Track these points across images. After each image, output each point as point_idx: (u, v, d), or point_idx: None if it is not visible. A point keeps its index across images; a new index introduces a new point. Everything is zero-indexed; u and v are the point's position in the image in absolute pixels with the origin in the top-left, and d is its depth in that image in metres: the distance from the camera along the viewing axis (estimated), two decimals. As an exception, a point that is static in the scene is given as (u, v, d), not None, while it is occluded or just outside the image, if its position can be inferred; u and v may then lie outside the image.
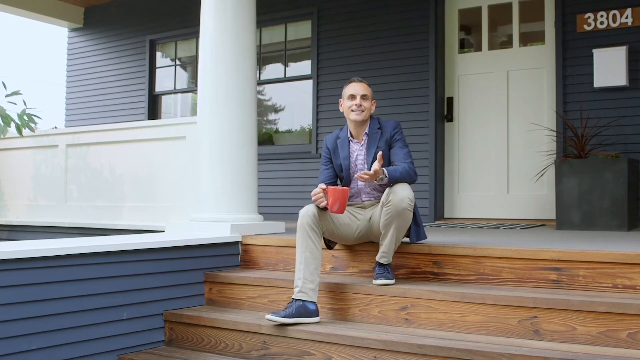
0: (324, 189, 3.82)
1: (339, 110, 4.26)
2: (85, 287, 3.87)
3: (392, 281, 3.89)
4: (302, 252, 3.85)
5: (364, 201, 4.19)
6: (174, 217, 5.69)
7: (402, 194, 3.79)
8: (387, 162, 4.08)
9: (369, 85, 4.19)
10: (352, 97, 4.11)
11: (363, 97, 4.10)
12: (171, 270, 4.39)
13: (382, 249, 3.92)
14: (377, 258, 3.96)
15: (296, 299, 3.76)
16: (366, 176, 3.73)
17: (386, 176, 3.82)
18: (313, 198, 3.85)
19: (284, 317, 3.72)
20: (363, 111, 4.10)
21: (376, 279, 3.90)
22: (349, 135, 4.22)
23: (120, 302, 4.06)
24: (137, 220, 6.22)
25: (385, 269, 3.93)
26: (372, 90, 4.23)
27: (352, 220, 4.11)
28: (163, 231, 5.31)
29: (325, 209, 3.86)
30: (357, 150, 4.19)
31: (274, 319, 3.73)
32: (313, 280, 3.79)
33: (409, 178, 3.98)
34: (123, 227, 6.17)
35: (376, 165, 3.72)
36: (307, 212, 3.89)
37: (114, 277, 4.03)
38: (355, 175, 3.97)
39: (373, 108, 4.20)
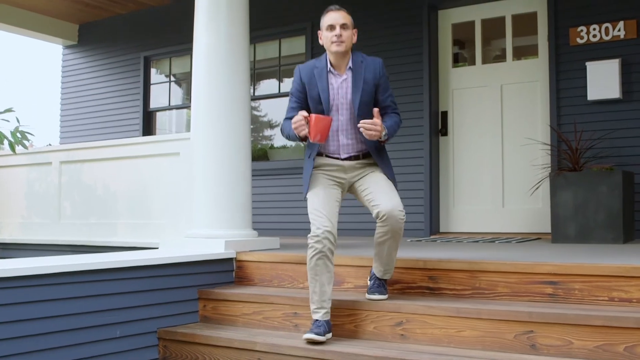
0: (305, 117, 3.60)
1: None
2: (78, 305, 3.83)
3: (386, 296, 3.85)
4: (325, 272, 3.69)
5: (343, 160, 3.84)
6: (168, 233, 5.67)
7: (396, 209, 3.61)
8: (373, 104, 3.84)
9: (349, 14, 3.83)
10: (331, 27, 3.77)
11: (343, 26, 3.76)
12: (165, 287, 4.36)
13: (382, 266, 3.83)
14: (378, 274, 3.86)
15: (325, 320, 3.71)
16: (374, 128, 3.58)
17: (387, 135, 3.73)
18: (294, 126, 3.64)
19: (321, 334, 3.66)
20: (344, 42, 3.75)
21: (371, 293, 3.85)
22: (328, 65, 3.86)
23: (114, 320, 4.02)
24: (131, 237, 6.19)
25: (382, 283, 3.88)
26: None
27: (332, 188, 3.83)
28: (157, 248, 5.28)
29: (304, 139, 3.70)
30: (338, 84, 3.83)
31: (314, 337, 3.62)
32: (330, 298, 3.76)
33: (397, 131, 3.92)
34: (117, 244, 6.14)
35: (378, 123, 3.61)
36: (325, 235, 3.62)
37: (107, 295, 4.00)
38: (359, 125, 3.63)
39: (354, 38, 3.86)
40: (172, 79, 9.41)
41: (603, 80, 6.20)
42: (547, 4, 6.62)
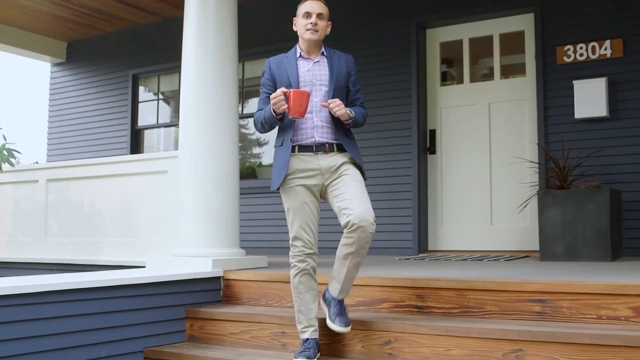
0: (284, 92, 3.56)
1: None
2: (63, 325, 3.79)
3: (349, 327, 3.70)
4: (310, 290, 3.73)
5: (316, 147, 3.73)
6: (155, 252, 5.64)
7: (367, 220, 3.53)
8: (344, 97, 3.81)
9: (326, 5, 3.83)
10: (308, 14, 3.75)
11: (319, 15, 3.76)
12: (152, 306, 4.32)
13: (341, 283, 3.68)
14: (334, 293, 3.72)
15: (314, 338, 3.71)
16: (339, 104, 3.62)
17: (352, 118, 3.73)
18: (273, 101, 3.58)
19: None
20: (318, 30, 3.74)
21: (335, 322, 3.68)
22: (298, 52, 3.83)
23: (100, 339, 3.98)
24: (118, 256, 6.16)
25: (342, 308, 3.71)
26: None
27: (312, 203, 3.77)
28: (144, 267, 5.24)
29: (280, 116, 3.65)
30: (310, 66, 3.79)
31: None
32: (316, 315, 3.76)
33: (363, 124, 3.89)
34: (104, 262, 6.10)
35: (340, 102, 3.65)
36: (308, 254, 3.70)
37: (93, 314, 3.96)
38: (323, 104, 3.68)
39: (328, 29, 3.84)
40: (161, 96, 9.40)
41: (590, 98, 6.24)
42: (535, 23, 6.67)
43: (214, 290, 4.74)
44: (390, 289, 4.06)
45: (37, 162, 9.00)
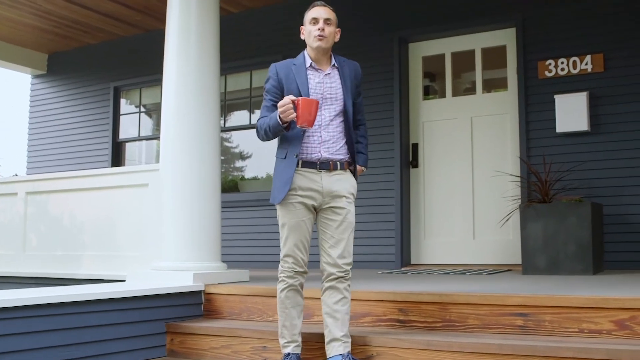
0: (293, 100, 3.40)
1: None
2: (41, 340, 3.73)
3: None
4: (296, 306, 3.69)
5: (320, 163, 3.60)
6: (135, 266, 5.58)
7: (343, 265, 3.60)
8: (345, 113, 3.68)
9: (334, 10, 3.70)
10: (315, 20, 3.62)
11: (326, 21, 3.61)
12: (132, 321, 4.27)
13: (340, 332, 3.56)
14: (340, 349, 3.54)
15: (296, 353, 3.67)
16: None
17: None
18: (281, 109, 3.41)
19: None
20: (325, 37, 3.59)
21: None
22: (307, 61, 3.68)
23: (78, 354, 3.92)
24: (98, 270, 6.08)
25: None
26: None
27: (308, 222, 3.66)
28: (124, 280, 5.19)
29: (286, 126, 3.50)
30: (321, 78, 3.64)
31: None
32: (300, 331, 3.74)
33: None
34: (83, 276, 6.03)
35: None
36: (298, 271, 3.64)
37: (71, 329, 3.90)
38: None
39: (337, 36, 3.69)
40: (142, 109, 9.35)
41: (571, 112, 6.27)
42: (516, 37, 6.71)
43: (194, 304, 4.69)
44: (373, 303, 4.04)
45: (16, 175, 8.91)
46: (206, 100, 5.13)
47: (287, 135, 3.60)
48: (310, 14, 3.67)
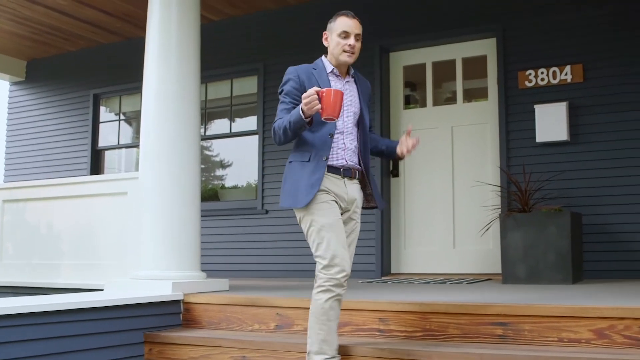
0: (317, 92, 3.27)
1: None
2: (16, 350, 3.67)
3: None
4: (337, 318, 3.47)
5: (344, 170, 3.53)
6: (114, 275, 5.52)
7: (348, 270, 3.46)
8: (362, 123, 3.64)
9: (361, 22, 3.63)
10: (346, 34, 3.52)
11: (357, 37, 3.55)
12: (109, 330, 4.22)
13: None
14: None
15: None
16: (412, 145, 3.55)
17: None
18: (305, 101, 3.27)
19: None
20: (355, 53, 3.56)
21: None
22: (329, 67, 3.61)
23: (54, 365, 3.87)
24: (75, 279, 6.02)
25: None
26: None
27: (341, 222, 3.54)
28: (102, 290, 5.13)
29: (309, 121, 3.36)
30: (342, 86, 3.59)
31: None
32: None
33: None
34: (61, 286, 5.96)
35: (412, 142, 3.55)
36: (345, 279, 3.39)
37: (48, 339, 3.85)
38: (404, 139, 3.57)
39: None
40: (122, 117, 9.29)
41: (551, 122, 6.30)
42: (497, 47, 6.74)
43: (173, 313, 4.65)
44: (353, 312, 4.02)
45: (-6, 183, 8.80)
46: (186, 108, 5.10)
47: (312, 138, 3.48)
48: (340, 24, 3.55)
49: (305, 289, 5.07)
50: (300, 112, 3.31)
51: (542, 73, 6.47)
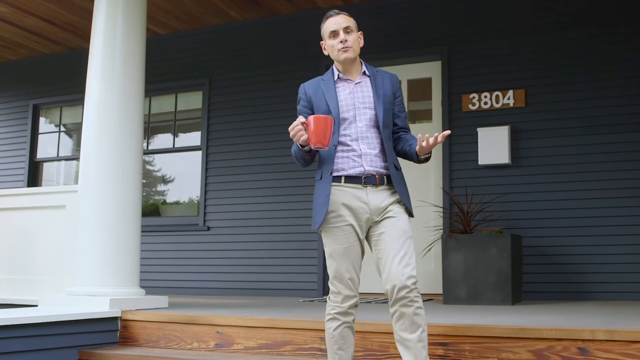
0: (303, 122, 3.14)
1: (229, 182, 3.71)
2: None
3: None
4: (351, 346, 3.30)
5: (365, 178, 3.28)
6: (50, 290, 5.37)
7: (405, 280, 3.21)
8: (391, 121, 3.43)
9: (351, 15, 3.44)
10: (334, 33, 3.35)
11: (346, 30, 3.35)
12: (42, 348, 4.09)
13: None
14: None
15: None
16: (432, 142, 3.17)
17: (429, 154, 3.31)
18: (292, 133, 3.16)
19: None
20: (350, 46, 3.33)
21: None
22: (336, 74, 3.44)
23: (-18, 383, 3.73)
24: (10, 294, 5.82)
25: None
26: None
27: (357, 245, 3.36)
28: (36, 305, 4.98)
29: (308, 148, 3.24)
30: (351, 88, 3.39)
31: None
32: None
33: None
34: (-7, 301, 5.76)
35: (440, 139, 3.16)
36: (352, 307, 3.28)
37: (-24, 356, 3.71)
38: (433, 140, 3.16)
39: (361, 41, 3.47)
40: (62, 129, 9.09)
41: (493, 145, 6.40)
42: (442, 70, 6.83)
43: (110, 331, 4.54)
44: (294, 331, 3.99)
45: None
46: (129, 121, 5.02)
47: (322, 152, 3.32)
48: (327, 27, 3.40)
49: (246, 307, 5.01)
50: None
51: (485, 97, 6.58)
